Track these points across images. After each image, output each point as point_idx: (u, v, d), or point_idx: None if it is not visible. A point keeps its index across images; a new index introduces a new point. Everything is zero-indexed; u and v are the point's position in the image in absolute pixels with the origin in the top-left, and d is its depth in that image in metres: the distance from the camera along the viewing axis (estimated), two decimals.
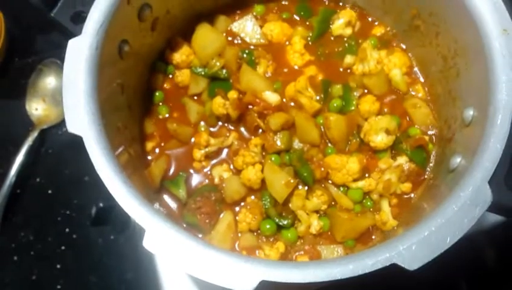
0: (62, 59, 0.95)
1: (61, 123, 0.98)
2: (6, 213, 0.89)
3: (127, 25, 0.66)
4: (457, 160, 0.63)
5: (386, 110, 0.77)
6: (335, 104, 0.76)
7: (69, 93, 0.56)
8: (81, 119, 0.55)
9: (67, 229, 0.90)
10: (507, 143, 0.57)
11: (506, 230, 0.78)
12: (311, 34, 0.82)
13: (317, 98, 0.77)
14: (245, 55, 0.79)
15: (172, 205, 0.73)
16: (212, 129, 0.77)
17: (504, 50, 0.60)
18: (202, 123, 0.77)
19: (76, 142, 0.57)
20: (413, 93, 0.79)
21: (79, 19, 0.63)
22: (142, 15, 0.68)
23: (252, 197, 0.72)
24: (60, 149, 0.97)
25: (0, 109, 1.01)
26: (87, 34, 0.58)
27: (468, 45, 0.65)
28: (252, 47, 0.82)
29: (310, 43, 0.82)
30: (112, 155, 0.55)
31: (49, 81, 1.01)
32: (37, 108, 0.99)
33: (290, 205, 0.71)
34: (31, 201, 0.92)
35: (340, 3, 0.85)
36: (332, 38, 0.83)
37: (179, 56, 0.78)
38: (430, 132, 0.76)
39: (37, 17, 1.02)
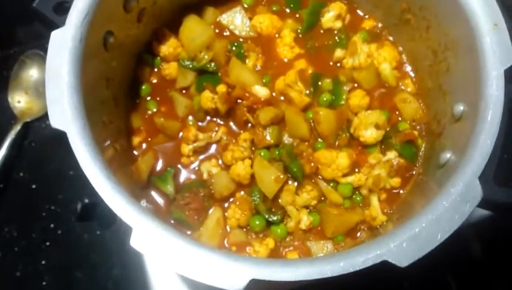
0: (45, 50, 0.92)
1: (45, 116, 0.96)
2: None
3: (112, 16, 0.64)
4: (447, 155, 0.63)
5: (375, 104, 0.77)
6: (325, 99, 0.76)
7: (52, 87, 0.54)
8: (65, 114, 0.53)
9: (52, 225, 0.88)
10: (497, 138, 0.57)
11: (494, 223, 0.79)
12: (301, 27, 0.81)
13: (307, 92, 0.76)
14: (234, 48, 0.78)
15: (160, 201, 0.72)
16: (200, 124, 0.76)
17: (494, 45, 0.59)
18: (190, 117, 0.76)
19: (60, 136, 0.55)
20: (402, 87, 0.79)
21: (62, 9, 0.61)
22: (128, 6, 0.67)
23: (241, 192, 0.71)
24: (43, 143, 0.95)
25: None
26: (71, 25, 0.57)
27: (459, 39, 0.65)
28: (241, 40, 0.80)
29: (300, 35, 0.81)
30: (97, 151, 0.53)
31: (31, 73, 0.99)
32: (19, 100, 0.97)
33: (280, 200, 0.70)
34: (14, 196, 0.91)
35: None
36: (322, 31, 0.82)
37: (166, 48, 0.77)
38: (419, 127, 0.76)
39: (19, 7, 0.99)
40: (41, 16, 0.60)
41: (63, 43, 0.56)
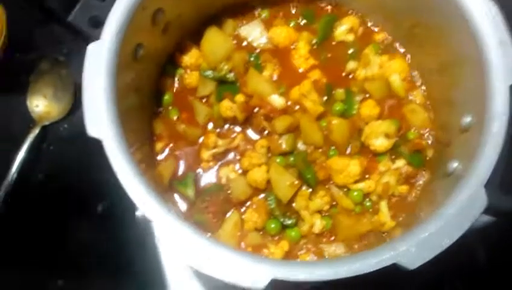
0: (64, 55, 0.98)
1: (62, 120, 0.98)
2: (7, 210, 0.90)
3: (141, 29, 0.68)
4: (454, 165, 0.67)
5: (385, 114, 0.80)
6: (337, 108, 0.79)
7: (89, 97, 0.58)
8: (101, 124, 0.57)
9: (70, 225, 0.90)
10: (502, 149, 0.60)
11: (498, 229, 0.82)
12: (315, 39, 0.85)
13: (321, 101, 0.79)
14: (252, 59, 0.81)
15: (182, 204, 0.75)
16: (219, 131, 0.79)
17: (500, 62, 0.63)
18: (210, 125, 0.79)
19: (78, 140, 0.58)
20: (411, 98, 0.82)
21: (95, 22, 0.64)
22: (155, 19, 0.70)
23: (259, 196, 0.75)
24: (61, 146, 0.97)
25: (1, 106, 1.01)
26: (107, 38, 0.60)
27: (466, 55, 0.68)
28: (258, 51, 0.84)
29: (315, 47, 0.84)
30: (130, 158, 0.57)
31: (50, 77, 1.01)
32: (38, 105, 0.99)
33: (294, 205, 0.74)
34: (32, 198, 0.93)
35: (343, 8, 0.87)
36: (334, 43, 0.86)
37: (188, 59, 0.80)
38: (427, 137, 0.79)
39: (38, 13, 1.01)
40: (76, 29, 0.63)
41: (99, 56, 0.59)
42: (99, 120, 0.57)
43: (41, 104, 0.99)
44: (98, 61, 0.59)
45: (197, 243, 0.54)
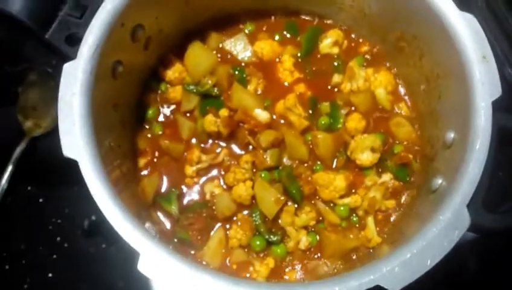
0: (53, 67, 0.98)
1: (52, 132, 0.97)
2: None
3: (120, 46, 0.67)
4: (438, 181, 0.66)
5: (371, 127, 0.80)
6: (323, 122, 0.78)
7: (64, 118, 0.57)
8: (77, 144, 0.56)
9: (58, 238, 0.90)
10: (485, 167, 0.59)
11: (487, 242, 0.81)
12: (300, 53, 0.84)
13: (306, 115, 0.79)
14: (236, 72, 0.81)
15: (165, 221, 0.74)
16: (203, 146, 0.79)
17: (483, 77, 0.62)
18: (194, 140, 0.79)
19: None
20: (397, 111, 0.82)
21: (73, 40, 0.64)
22: (135, 36, 0.70)
23: (244, 212, 0.74)
24: (50, 158, 0.96)
25: None
26: (82, 58, 0.59)
27: (450, 70, 0.68)
28: (243, 64, 0.83)
29: (300, 60, 0.84)
30: (106, 178, 0.56)
31: (40, 89, 1.01)
32: (27, 116, 0.99)
33: (280, 221, 0.73)
34: (22, 210, 0.93)
35: (327, 21, 0.87)
36: (319, 56, 0.85)
37: (172, 73, 0.80)
38: (413, 150, 0.79)
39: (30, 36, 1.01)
40: (53, 47, 0.63)
41: (75, 76, 0.59)
42: (74, 141, 0.56)
43: (31, 116, 0.99)
44: (73, 82, 0.58)
45: (179, 268, 0.54)
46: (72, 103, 0.58)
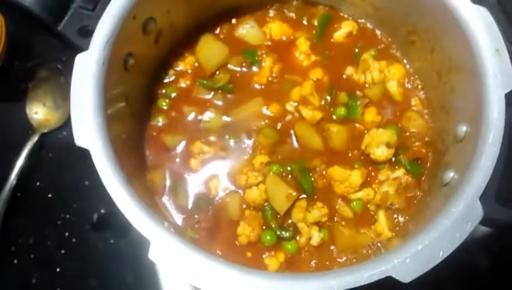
0: (63, 63, 0.98)
1: (61, 127, 0.98)
2: (6, 216, 0.90)
3: (132, 39, 0.67)
4: (450, 174, 0.66)
5: (383, 120, 0.79)
6: (341, 113, 0.78)
7: (77, 109, 0.57)
8: (89, 134, 0.56)
9: (66, 233, 0.90)
10: (498, 160, 0.59)
11: (499, 238, 0.80)
12: (314, 37, 0.84)
13: (322, 102, 0.79)
14: (247, 57, 0.81)
15: (171, 217, 0.74)
16: (211, 139, 0.78)
17: (496, 70, 0.62)
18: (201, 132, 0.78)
19: (76, 147, 0.58)
20: (409, 104, 0.81)
21: (85, 31, 0.64)
22: (146, 28, 0.70)
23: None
24: (60, 153, 0.97)
25: (0, 113, 1.01)
26: (95, 49, 0.60)
27: (462, 63, 0.68)
28: (255, 48, 0.83)
29: (315, 41, 0.84)
30: (118, 168, 0.56)
31: (49, 85, 1.01)
32: (37, 112, 0.99)
33: (291, 217, 0.72)
34: (30, 205, 0.93)
35: (341, 14, 0.87)
36: (334, 42, 0.85)
37: (183, 66, 0.80)
38: (425, 144, 0.78)
39: (37, 21, 1.02)
40: (66, 39, 0.63)
41: (87, 67, 0.59)
42: (87, 131, 0.57)
43: (40, 112, 1.00)
44: (85, 72, 0.59)
45: (191, 257, 0.53)
46: (85, 93, 0.58)
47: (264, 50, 0.82)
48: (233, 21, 0.85)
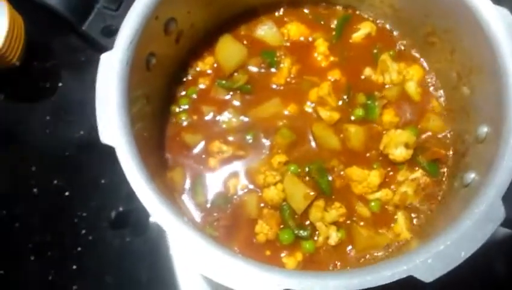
0: (80, 63, 0.99)
1: (78, 126, 0.99)
2: (24, 214, 0.91)
3: (154, 39, 0.68)
4: (471, 176, 0.65)
5: (401, 121, 0.79)
6: (359, 113, 0.78)
7: (102, 107, 0.58)
8: (114, 132, 0.57)
9: (83, 231, 0.91)
10: None
11: None
12: (333, 37, 0.84)
13: (340, 103, 0.79)
14: (266, 58, 0.81)
15: (195, 212, 0.75)
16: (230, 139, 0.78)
17: None
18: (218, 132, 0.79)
19: (93, 145, 0.59)
20: (428, 105, 0.81)
21: (108, 31, 0.65)
22: (168, 29, 0.71)
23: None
24: (77, 152, 0.99)
25: (19, 111, 1.02)
26: (119, 48, 0.61)
27: (483, 64, 0.67)
28: (274, 49, 0.83)
29: (333, 41, 0.84)
30: (142, 165, 0.57)
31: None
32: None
33: (309, 216, 0.72)
34: (48, 202, 0.94)
35: (358, 13, 0.87)
36: (352, 43, 0.85)
37: (202, 66, 0.81)
38: (445, 145, 0.78)
39: (56, 21, 1.03)
40: (90, 38, 0.64)
41: (112, 66, 0.60)
42: (112, 128, 0.57)
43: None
44: (110, 71, 0.59)
45: (210, 252, 0.54)
46: (109, 91, 0.59)
47: (282, 51, 0.82)
48: (252, 22, 0.86)
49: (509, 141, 0.59)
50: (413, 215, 0.74)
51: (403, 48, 0.85)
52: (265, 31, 0.84)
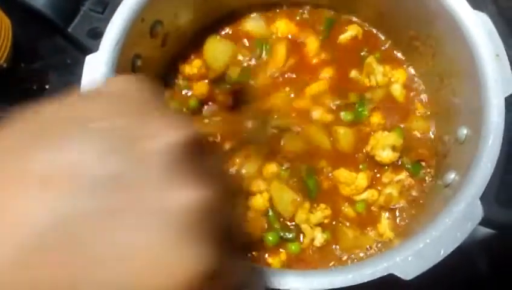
0: (66, 65, 0.99)
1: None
2: None
3: (139, 41, 0.68)
4: (451, 176, 0.67)
5: (388, 123, 0.80)
6: (346, 115, 0.79)
7: None
8: None
9: None
10: (497, 162, 0.60)
11: (498, 240, 0.81)
12: (321, 36, 0.85)
13: (332, 105, 0.80)
14: (257, 50, 0.82)
15: None
16: None
17: (496, 75, 0.63)
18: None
19: None
20: (412, 107, 0.82)
21: (94, 34, 0.66)
22: (154, 31, 0.71)
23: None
24: None
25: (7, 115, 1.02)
26: (104, 50, 0.61)
27: (463, 68, 0.69)
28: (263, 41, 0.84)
29: (323, 39, 0.85)
30: None
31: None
32: None
33: (295, 218, 0.73)
34: None
35: (345, 16, 0.88)
36: (340, 44, 0.86)
37: (190, 69, 0.81)
38: (428, 147, 0.79)
39: (42, 23, 1.03)
40: (75, 40, 0.64)
41: (96, 68, 0.60)
42: None
43: None
44: (95, 73, 0.60)
45: None
46: None
47: (274, 41, 0.82)
48: (238, 22, 0.86)
49: (488, 142, 0.60)
50: (397, 215, 0.76)
51: (388, 51, 0.86)
52: (252, 25, 0.84)
